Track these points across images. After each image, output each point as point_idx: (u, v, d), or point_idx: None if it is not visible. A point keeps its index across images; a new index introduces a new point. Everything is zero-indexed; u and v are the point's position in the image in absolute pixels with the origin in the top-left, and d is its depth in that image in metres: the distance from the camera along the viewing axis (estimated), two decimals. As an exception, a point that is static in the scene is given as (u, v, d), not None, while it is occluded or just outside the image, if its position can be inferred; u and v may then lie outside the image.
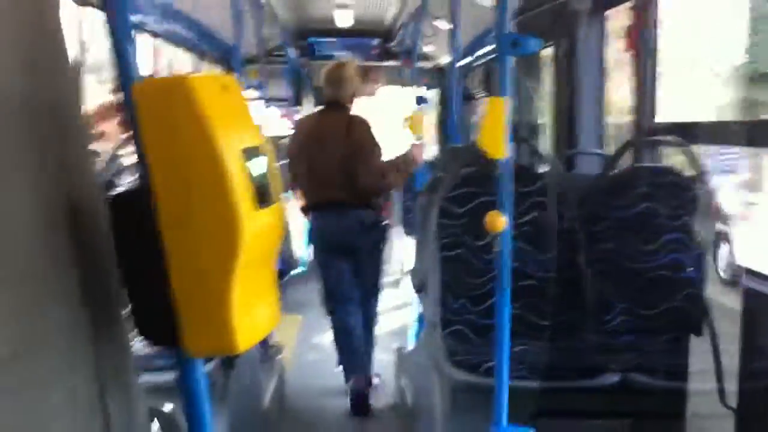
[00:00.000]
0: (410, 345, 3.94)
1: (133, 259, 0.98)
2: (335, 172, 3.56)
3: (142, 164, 0.95)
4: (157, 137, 0.93)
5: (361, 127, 3.58)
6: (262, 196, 0.98)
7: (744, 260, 2.10)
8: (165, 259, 0.95)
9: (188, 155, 0.92)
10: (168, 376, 2.01)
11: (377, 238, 3.77)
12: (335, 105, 3.65)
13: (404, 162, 3.66)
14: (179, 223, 0.94)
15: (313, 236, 3.86)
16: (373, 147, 3.56)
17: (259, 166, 0.99)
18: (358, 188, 3.55)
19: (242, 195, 0.93)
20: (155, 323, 1.00)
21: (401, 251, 5.33)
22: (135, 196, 0.97)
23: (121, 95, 0.97)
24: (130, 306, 1.00)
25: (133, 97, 0.93)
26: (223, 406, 2.28)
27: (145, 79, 0.98)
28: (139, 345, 1.11)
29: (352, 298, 3.83)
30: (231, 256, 0.94)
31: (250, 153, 0.98)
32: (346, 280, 3.79)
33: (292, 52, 6.89)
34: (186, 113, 0.91)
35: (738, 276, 2.04)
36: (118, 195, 1.01)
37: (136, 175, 0.99)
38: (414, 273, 2.85)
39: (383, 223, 3.85)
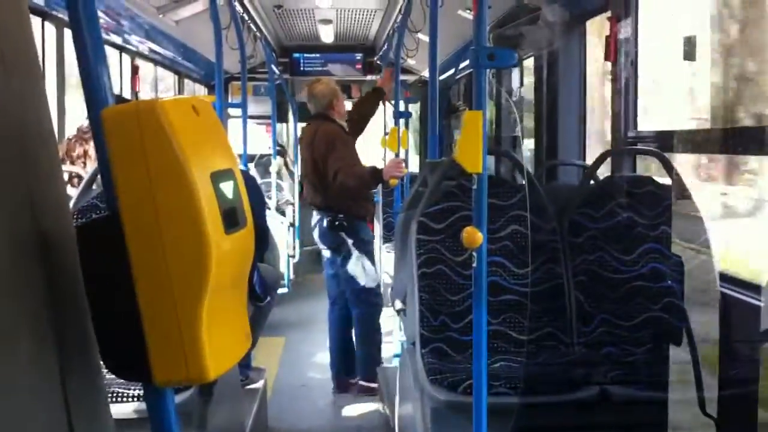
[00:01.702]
0: (393, 363, 3.93)
1: (101, 289, 0.96)
2: (309, 177, 4.17)
3: (110, 190, 0.94)
4: (126, 162, 0.92)
5: (322, 135, 4.00)
6: (232, 219, 0.98)
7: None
8: (133, 288, 0.94)
9: (156, 180, 0.91)
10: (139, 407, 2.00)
11: (353, 241, 4.05)
12: (314, 117, 4.19)
13: (371, 173, 3.92)
14: (148, 250, 0.93)
15: None
16: (328, 153, 3.95)
17: (228, 189, 0.99)
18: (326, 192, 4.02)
19: (211, 219, 0.92)
20: (123, 355, 0.98)
21: (384, 267, 5.32)
22: (103, 223, 0.95)
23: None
24: (97, 337, 0.98)
25: (101, 122, 0.92)
26: None
27: (114, 102, 0.97)
28: (111, 375, 1.10)
29: (334, 297, 4.23)
30: (200, 282, 0.92)
31: (220, 176, 0.97)
32: (329, 277, 4.25)
33: (275, 69, 6.89)
34: (154, 138, 0.90)
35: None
36: (87, 222, 1.00)
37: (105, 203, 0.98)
38: (394, 290, 2.84)
39: (358, 230, 4.08)
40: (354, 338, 4.19)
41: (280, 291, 4.80)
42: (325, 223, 4.12)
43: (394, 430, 3.01)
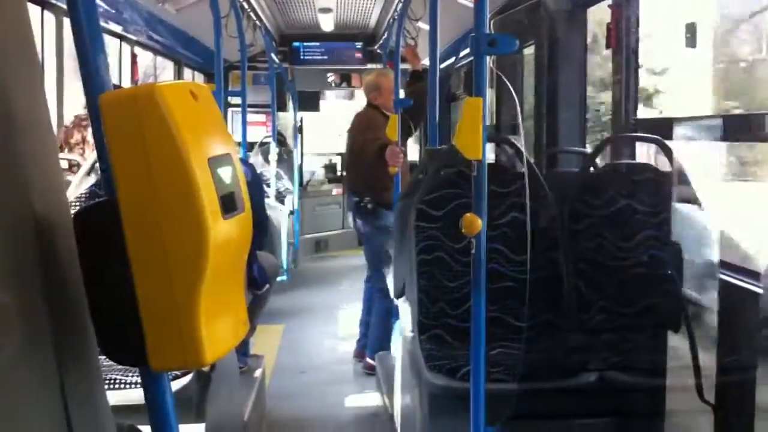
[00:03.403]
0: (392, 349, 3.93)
1: (98, 275, 0.96)
2: (346, 160, 4.74)
3: (108, 176, 0.93)
4: (124, 148, 0.92)
5: (355, 120, 4.52)
6: (229, 204, 0.97)
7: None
8: (130, 273, 0.93)
9: (154, 165, 0.91)
10: (138, 394, 2.00)
11: (374, 222, 4.28)
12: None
13: (380, 147, 4.18)
14: (145, 235, 0.92)
15: None
16: (356, 137, 4.42)
17: (226, 174, 0.98)
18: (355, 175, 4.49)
19: (208, 204, 0.92)
20: (120, 340, 0.98)
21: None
22: (101, 209, 0.95)
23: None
24: (95, 324, 0.98)
25: (99, 108, 0.92)
26: (200, 420, 2.26)
27: (112, 89, 0.96)
28: (108, 362, 1.10)
29: (367, 275, 4.51)
30: (197, 266, 0.92)
31: (218, 161, 0.97)
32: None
33: (274, 58, 6.87)
34: (152, 123, 0.90)
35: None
36: (84, 209, 1.00)
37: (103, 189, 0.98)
38: (393, 277, 2.83)
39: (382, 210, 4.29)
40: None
41: (279, 279, 4.81)
42: (353, 205, 4.40)
43: (392, 417, 3.02)
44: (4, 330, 0.78)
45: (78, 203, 2.33)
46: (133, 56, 4.90)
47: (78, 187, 2.47)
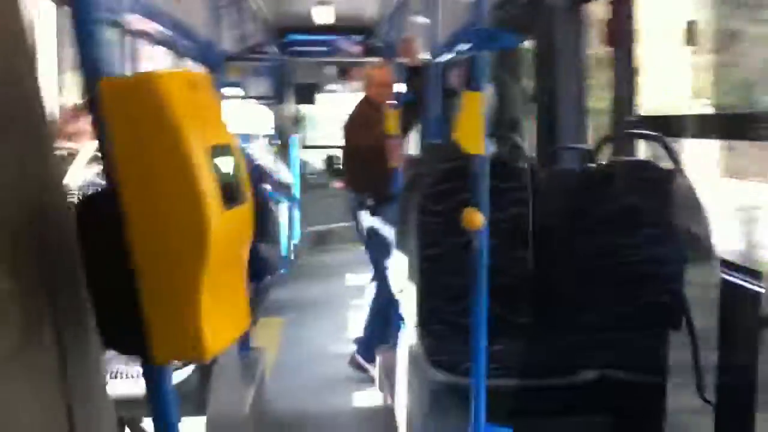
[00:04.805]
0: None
1: (99, 266, 0.95)
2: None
3: (108, 165, 0.92)
4: (124, 136, 0.91)
5: (348, 118, 4.56)
6: (231, 195, 0.97)
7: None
8: (131, 264, 0.93)
9: (154, 154, 0.90)
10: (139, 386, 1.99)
11: (377, 219, 4.26)
12: None
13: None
14: (146, 225, 0.92)
15: None
16: (348, 137, 4.46)
17: (227, 164, 0.98)
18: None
19: (209, 194, 0.91)
20: (122, 331, 0.98)
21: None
22: (102, 198, 0.94)
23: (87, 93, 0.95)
24: (95, 314, 0.98)
25: (99, 96, 0.91)
26: (201, 413, 2.26)
27: (111, 77, 0.96)
28: (109, 354, 1.09)
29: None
30: (198, 258, 0.92)
31: (218, 151, 0.96)
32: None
33: (273, 49, 6.85)
34: (152, 111, 0.89)
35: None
36: (85, 199, 0.99)
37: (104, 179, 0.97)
38: (393, 271, 2.83)
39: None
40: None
41: (280, 272, 4.81)
42: (353, 202, 4.41)
43: (393, 411, 3.02)
44: (4, 320, 0.77)
45: (78, 193, 2.31)
46: (132, 46, 4.87)
47: (77, 176, 2.45)
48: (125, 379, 2.10)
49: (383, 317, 4.23)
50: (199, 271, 0.92)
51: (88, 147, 2.56)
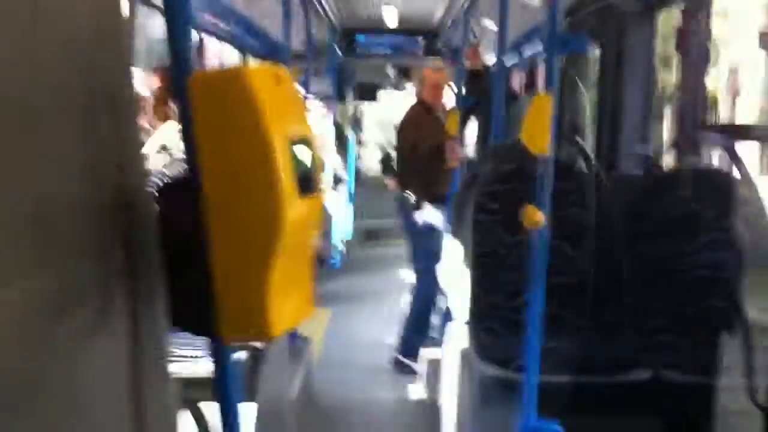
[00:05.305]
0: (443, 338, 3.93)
1: (176, 249, 1.00)
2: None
3: (192, 155, 0.97)
4: (210, 126, 0.96)
5: (402, 120, 4.55)
6: (306, 185, 1.00)
7: None
8: (208, 247, 0.97)
9: (239, 143, 0.95)
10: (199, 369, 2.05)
11: (416, 221, 4.30)
12: None
13: (436, 147, 4.14)
14: (225, 210, 0.96)
15: None
16: (402, 139, 4.48)
17: (305, 155, 1.01)
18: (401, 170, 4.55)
19: (287, 181, 0.95)
20: (193, 311, 1.02)
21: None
22: (183, 183, 0.99)
23: (170, 88, 1.00)
24: (169, 296, 1.02)
25: (189, 89, 0.96)
26: (251, 399, 2.31)
27: (201, 71, 1.01)
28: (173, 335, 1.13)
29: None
30: (272, 243, 0.95)
31: (298, 143, 1.00)
32: None
33: (336, 50, 6.93)
34: (240, 103, 0.94)
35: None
36: (168, 185, 1.04)
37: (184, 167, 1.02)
38: (444, 267, 2.83)
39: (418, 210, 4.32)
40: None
41: (330, 263, 4.88)
42: (399, 202, 4.44)
43: (437, 405, 3.03)
44: (81, 305, 0.81)
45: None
46: (201, 43, 5.01)
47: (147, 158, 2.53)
48: (186, 361, 2.17)
49: (425, 316, 4.24)
50: (271, 254, 0.95)
51: (160, 133, 2.65)
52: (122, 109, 0.95)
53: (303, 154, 1.01)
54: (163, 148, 2.62)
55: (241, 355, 2.34)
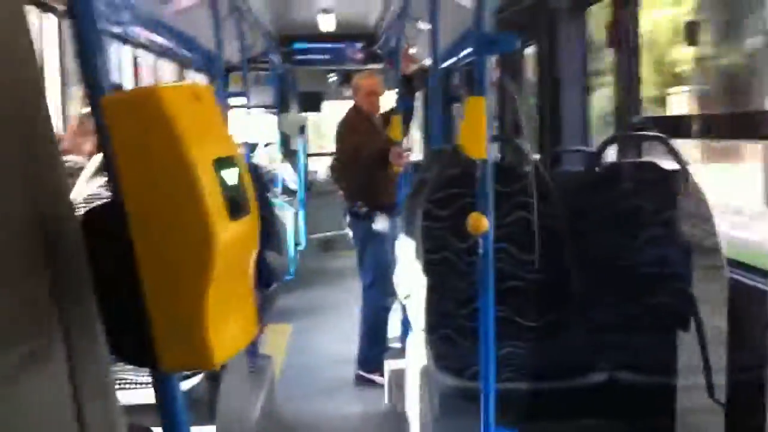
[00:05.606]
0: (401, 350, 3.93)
1: (106, 276, 0.96)
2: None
3: (113, 178, 0.93)
4: (128, 150, 0.92)
5: (338, 127, 4.49)
6: (236, 206, 0.97)
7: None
8: (138, 275, 0.93)
9: (159, 167, 0.91)
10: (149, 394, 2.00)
11: (369, 228, 4.20)
12: None
13: (378, 152, 4.08)
14: (152, 237, 0.92)
15: None
16: (341, 145, 4.41)
17: (231, 176, 0.98)
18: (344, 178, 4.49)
19: (214, 206, 0.92)
20: (129, 341, 0.98)
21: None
22: (107, 210, 0.95)
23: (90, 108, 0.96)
24: (104, 324, 0.98)
25: (102, 110, 0.92)
26: (211, 421, 2.26)
27: (114, 91, 0.96)
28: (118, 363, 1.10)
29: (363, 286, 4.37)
30: (205, 268, 0.92)
31: (223, 163, 0.97)
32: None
33: (275, 58, 6.87)
34: (155, 125, 0.90)
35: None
36: (91, 210, 1.00)
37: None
38: (399, 277, 2.83)
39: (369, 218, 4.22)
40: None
41: (286, 278, 4.83)
42: (346, 211, 4.37)
43: (403, 416, 3.02)
44: (14, 329, 0.78)
45: (85, 205, 2.32)
46: (134, 58, 4.90)
47: (84, 189, 2.46)
48: (134, 388, 2.11)
49: (379, 327, 4.21)
50: (205, 281, 0.92)
51: (94, 160, 2.58)
52: (36, 128, 0.91)
53: (229, 174, 0.98)
54: (100, 170, 2.55)
55: (197, 377, 2.29)
